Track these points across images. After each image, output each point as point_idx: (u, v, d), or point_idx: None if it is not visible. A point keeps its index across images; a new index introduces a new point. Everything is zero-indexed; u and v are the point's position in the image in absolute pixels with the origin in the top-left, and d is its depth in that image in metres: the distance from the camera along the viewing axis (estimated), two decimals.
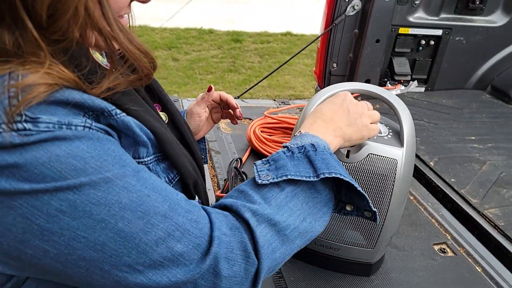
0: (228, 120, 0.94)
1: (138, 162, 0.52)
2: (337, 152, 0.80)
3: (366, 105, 0.72)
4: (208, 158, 1.32)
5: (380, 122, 0.85)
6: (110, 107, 0.48)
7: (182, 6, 6.49)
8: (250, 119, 1.53)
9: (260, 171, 0.58)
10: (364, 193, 0.60)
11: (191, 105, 0.89)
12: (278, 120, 1.37)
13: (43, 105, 0.43)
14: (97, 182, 0.44)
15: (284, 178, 0.56)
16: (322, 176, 0.56)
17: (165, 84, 4.04)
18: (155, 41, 5.07)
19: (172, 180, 0.58)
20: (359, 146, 0.79)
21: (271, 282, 0.86)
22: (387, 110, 0.87)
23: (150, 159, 0.55)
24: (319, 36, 1.71)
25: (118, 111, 0.49)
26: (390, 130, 0.84)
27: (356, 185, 0.59)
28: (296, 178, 0.56)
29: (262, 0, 7.05)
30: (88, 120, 0.46)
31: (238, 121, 0.94)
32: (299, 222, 0.56)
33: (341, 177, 0.57)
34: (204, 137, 0.94)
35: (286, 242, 0.55)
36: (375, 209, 0.62)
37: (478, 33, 1.79)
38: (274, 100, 1.72)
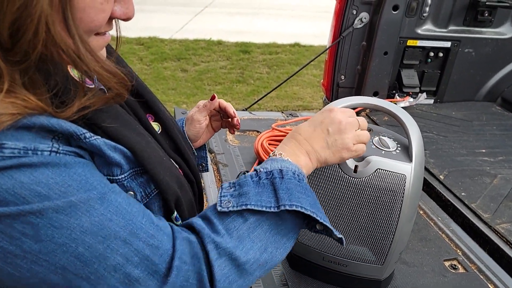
0: (236, 133, 0.94)
1: (111, 180, 0.53)
2: (344, 166, 0.79)
3: (356, 122, 0.68)
4: (214, 170, 1.32)
5: (388, 137, 0.85)
6: (79, 131, 0.48)
7: (191, 18, 6.56)
8: (257, 131, 1.53)
9: (223, 196, 0.58)
10: (328, 224, 0.59)
11: (192, 111, 0.89)
12: (285, 132, 1.36)
13: (9, 131, 0.44)
14: (61, 206, 0.45)
15: (244, 207, 0.55)
16: (282, 208, 0.56)
17: (174, 95, 4.08)
18: (165, 52, 5.13)
19: (149, 195, 0.57)
20: (367, 161, 0.79)
21: None
22: (396, 123, 0.86)
23: (125, 176, 0.54)
24: (327, 49, 1.71)
25: (88, 134, 0.49)
26: (399, 145, 0.83)
27: (318, 217, 0.58)
28: (256, 208, 0.55)
29: (271, 12, 7.11)
30: (55, 144, 0.46)
31: (245, 133, 0.94)
32: (260, 254, 0.56)
33: (302, 210, 0.56)
34: (204, 145, 0.94)
35: (245, 275, 0.55)
36: (340, 236, 0.61)
37: (487, 45, 1.78)
38: (282, 112, 1.72)
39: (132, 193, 0.55)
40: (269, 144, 1.34)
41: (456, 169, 1.36)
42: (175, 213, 0.61)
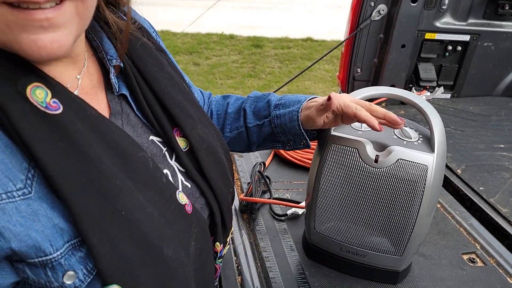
0: None
1: (42, 262, 0.45)
2: (365, 156, 0.79)
3: None
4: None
5: (409, 127, 0.84)
6: None
7: (203, 12, 6.56)
8: None
9: None
10: None
11: (312, 103, 0.75)
12: None
13: None
14: None
15: None
16: None
17: None
18: (177, 45, 5.14)
19: (91, 272, 0.47)
20: (388, 151, 0.78)
21: None
22: (412, 116, 0.85)
23: (61, 253, 0.45)
24: (343, 41, 1.70)
25: None
26: (420, 136, 0.82)
27: None
28: None
29: (283, 6, 7.08)
30: None
31: None
32: None
33: None
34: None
35: None
36: None
37: (507, 39, 1.75)
38: None
39: (72, 273, 0.46)
40: None
41: (474, 163, 1.35)
42: (112, 287, 0.47)
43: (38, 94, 0.45)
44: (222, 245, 0.69)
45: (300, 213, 1.06)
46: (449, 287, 0.88)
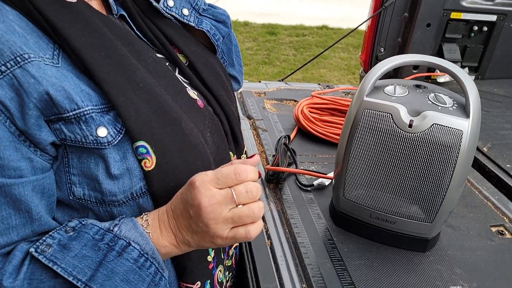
0: (274, 102, 0.91)
1: (75, 115, 0.50)
2: (399, 121, 0.79)
3: (228, 200, 0.50)
4: (254, 134, 1.33)
5: (444, 94, 0.83)
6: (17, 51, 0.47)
7: None
8: (295, 100, 1.53)
9: (52, 236, 0.51)
10: None
11: None
12: (327, 100, 1.35)
13: None
14: None
15: (51, 265, 0.49)
16: None
17: None
18: None
19: (120, 131, 0.53)
20: (423, 116, 0.78)
21: (325, 253, 0.86)
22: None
23: (91, 109, 0.51)
24: (367, 19, 1.69)
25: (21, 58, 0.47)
26: (455, 102, 0.82)
27: None
28: (62, 273, 0.49)
29: None
30: None
31: (282, 102, 0.90)
32: None
33: None
34: None
35: None
36: None
37: None
38: (319, 84, 1.71)
39: (104, 128, 0.51)
40: (309, 111, 1.34)
41: (500, 142, 1.33)
42: (140, 143, 0.53)
43: None
44: (235, 156, 0.74)
45: (326, 184, 1.07)
46: (478, 256, 0.88)
